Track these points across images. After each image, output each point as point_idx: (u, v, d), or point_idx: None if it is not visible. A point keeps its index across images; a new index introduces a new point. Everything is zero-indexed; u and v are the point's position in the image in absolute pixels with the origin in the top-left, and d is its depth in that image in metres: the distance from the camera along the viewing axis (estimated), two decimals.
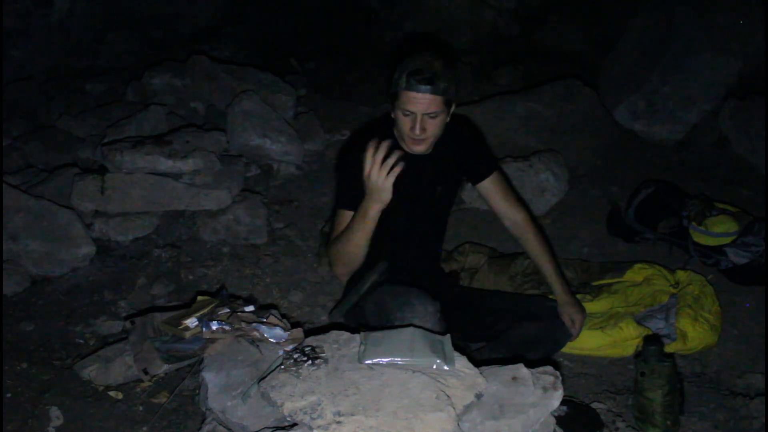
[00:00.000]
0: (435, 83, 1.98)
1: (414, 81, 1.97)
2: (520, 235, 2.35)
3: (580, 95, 4.11)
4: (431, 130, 2.06)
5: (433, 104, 2.01)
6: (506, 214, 2.34)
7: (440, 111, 2.03)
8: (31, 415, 2.20)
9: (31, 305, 2.80)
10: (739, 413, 2.28)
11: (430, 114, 2.02)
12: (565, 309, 2.27)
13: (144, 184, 3.17)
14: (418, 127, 2.03)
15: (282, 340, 1.91)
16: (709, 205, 3.11)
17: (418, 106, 2.00)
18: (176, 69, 4.16)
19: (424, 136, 2.06)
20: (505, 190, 2.35)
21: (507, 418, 1.59)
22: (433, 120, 2.04)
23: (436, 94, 1.99)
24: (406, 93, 2.00)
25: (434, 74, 1.98)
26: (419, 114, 2.02)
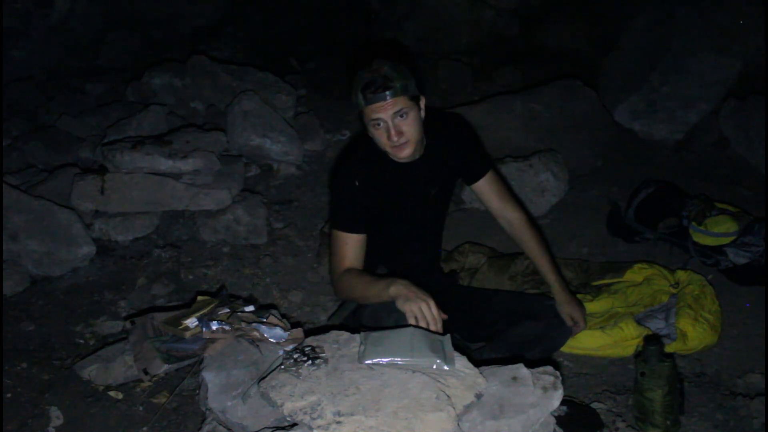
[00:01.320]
0: (389, 87, 1.94)
1: (369, 94, 1.95)
2: (516, 235, 2.34)
3: (580, 95, 4.11)
4: (408, 131, 2.01)
5: (397, 105, 1.96)
6: (502, 214, 2.33)
7: (408, 108, 1.99)
8: (31, 415, 2.20)
9: (31, 305, 2.80)
10: (739, 413, 2.28)
11: (399, 114, 1.98)
12: (563, 308, 2.27)
13: (144, 184, 3.17)
14: (393, 132, 1.99)
15: (282, 340, 1.91)
16: (709, 205, 3.11)
17: (383, 113, 1.97)
18: (176, 69, 4.16)
19: (403, 140, 2.01)
20: (501, 189, 2.33)
21: (507, 418, 1.59)
22: (404, 120, 1.99)
23: (396, 96, 1.95)
24: (368, 107, 1.97)
25: (385, 78, 1.94)
26: (389, 120, 1.98)
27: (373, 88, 1.95)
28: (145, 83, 4.11)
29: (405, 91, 1.97)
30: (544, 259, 2.31)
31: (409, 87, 1.99)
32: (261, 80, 4.05)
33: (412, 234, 2.29)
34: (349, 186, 2.12)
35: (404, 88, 1.97)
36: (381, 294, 1.97)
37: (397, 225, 2.24)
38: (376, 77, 1.95)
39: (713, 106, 4.24)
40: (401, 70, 1.99)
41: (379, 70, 1.96)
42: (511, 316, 2.26)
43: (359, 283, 2.05)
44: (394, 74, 1.96)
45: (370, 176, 2.12)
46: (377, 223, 2.16)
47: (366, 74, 1.98)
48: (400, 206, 2.21)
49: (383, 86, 1.94)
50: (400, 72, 1.98)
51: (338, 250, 2.12)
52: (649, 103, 4.30)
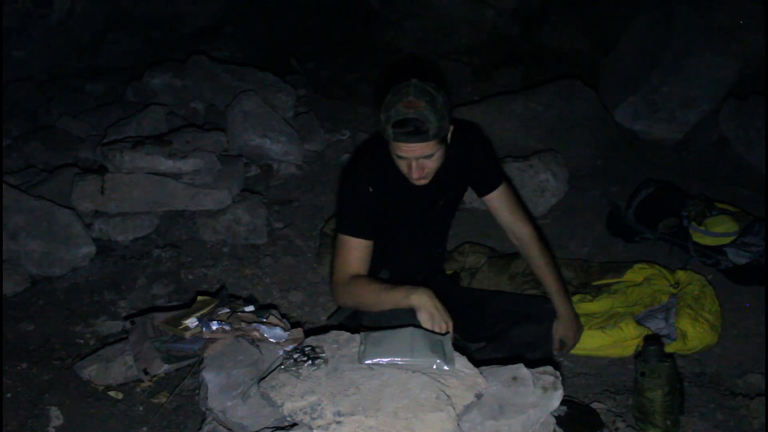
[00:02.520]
0: (423, 132, 1.85)
1: (401, 132, 1.86)
2: (524, 251, 2.31)
3: (580, 95, 4.11)
4: (429, 169, 1.98)
5: (427, 149, 1.90)
6: (511, 229, 2.30)
7: (435, 150, 1.92)
8: (31, 415, 2.20)
9: (31, 305, 2.80)
10: (739, 413, 2.28)
11: (426, 156, 1.93)
12: (557, 330, 2.26)
13: (144, 184, 3.17)
14: (415, 170, 1.95)
15: (282, 340, 1.91)
16: (709, 205, 3.11)
17: (412, 154, 1.92)
18: (176, 69, 4.16)
19: (423, 175, 1.98)
20: (512, 203, 2.28)
21: (507, 418, 1.59)
22: (429, 160, 1.94)
23: (427, 141, 1.87)
24: (395, 143, 1.90)
25: (420, 122, 1.84)
26: (413, 160, 1.93)
27: (405, 130, 1.85)
28: (145, 83, 4.11)
29: (437, 136, 1.88)
30: (551, 276, 2.27)
31: (441, 130, 1.89)
32: (261, 80, 4.05)
33: (416, 239, 2.28)
34: (362, 191, 2.06)
35: (438, 132, 1.88)
36: (400, 302, 1.90)
37: (401, 231, 2.23)
38: (411, 115, 1.83)
39: (713, 106, 4.23)
40: (439, 106, 1.87)
41: (416, 107, 1.84)
42: (512, 318, 2.25)
43: (372, 289, 1.98)
44: (431, 116, 1.84)
45: (383, 184, 2.06)
46: (383, 228, 2.14)
47: (401, 107, 1.85)
48: (407, 214, 2.19)
49: (417, 130, 1.84)
50: (438, 111, 1.86)
51: (344, 255, 2.04)
52: (649, 103, 4.30)
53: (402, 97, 1.87)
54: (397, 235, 2.22)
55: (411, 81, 1.91)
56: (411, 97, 1.86)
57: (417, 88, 1.88)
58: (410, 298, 1.89)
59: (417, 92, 1.87)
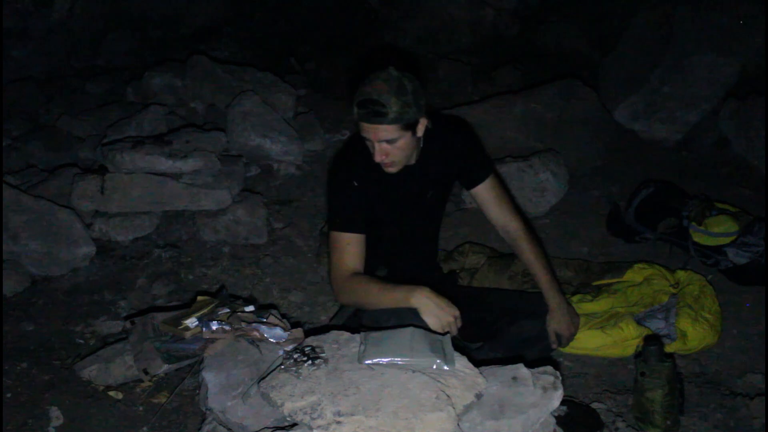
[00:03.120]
0: (383, 114, 1.88)
1: (362, 112, 1.91)
2: (513, 244, 2.30)
3: (580, 95, 4.11)
4: (394, 155, 1.99)
5: (387, 133, 1.93)
6: (499, 222, 2.29)
7: (398, 136, 1.94)
8: (31, 415, 2.20)
9: (31, 305, 2.80)
10: (739, 413, 2.28)
11: (386, 140, 1.95)
12: (551, 324, 2.23)
13: (144, 184, 3.17)
14: (377, 154, 1.98)
15: (282, 340, 1.91)
16: (709, 205, 3.11)
17: (373, 136, 1.95)
18: (176, 69, 4.16)
19: (387, 161, 2.00)
20: (499, 196, 2.28)
21: (507, 418, 1.59)
22: (392, 145, 1.97)
23: (387, 124, 1.91)
24: (359, 122, 1.94)
25: (382, 105, 1.88)
26: (377, 144, 1.96)
27: (366, 110, 1.90)
28: (145, 83, 4.11)
29: (398, 121, 1.91)
30: (541, 270, 2.25)
31: (405, 116, 1.92)
32: (261, 80, 4.05)
33: (408, 235, 2.29)
34: (347, 186, 2.09)
35: (397, 118, 1.91)
36: (400, 303, 1.93)
37: (393, 226, 2.23)
38: (375, 97, 1.88)
39: (713, 106, 4.23)
40: (404, 94, 1.90)
41: (381, 90, 1.89)
42: (510, 315, 2.25)
43: (371, 288, 2.00)
44: (393, 100, 1.88)
45: (367, 176, 2.09)
46: (374, 224, 2.15)
47: (367, 88, 1.91)
48: (396, 208, 2.20)
49: (376, 111, 1.89)
50: (401, 97, 1.90)
51: (340, 253, 2.06)
52: (649, 103, 4.30)
53: (372, 80, 1.92)
54: (388, 229, 2.22)
55: (387, 69, 1.95)
56: (379, 81, 1.91)
57: (388, 75, 1.92)
58: (410, 300, 1.91)
59: (386, 78, 1.92)
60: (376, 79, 1.92)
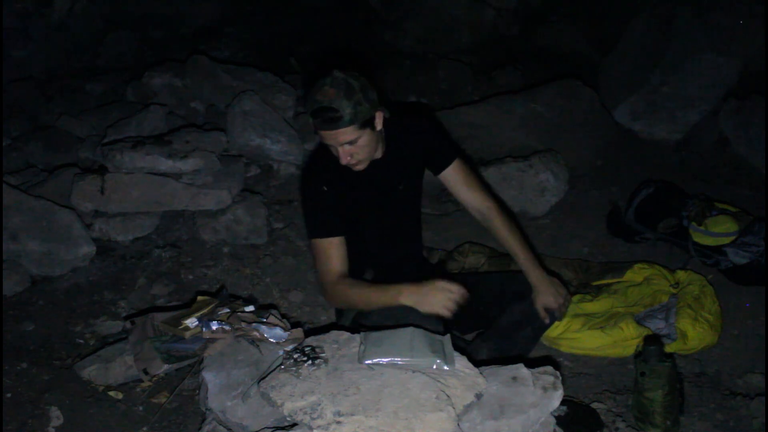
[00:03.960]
0: (338, 119, 1.92)
1: (317, 119, 1.94)
2: (486, 223, 2.28)
3: (580, 95, 4.11)
4: (358, 154, 2.03)
5: (346, 135, 1.96)
6: (470, 203, 2.29)
7: (357, 136, 1.98)
8: (31, 415, 2.20)
9: (31, 305, 2.80)
10: (739, 413, 2.28)
11: (349, 142, 1.98)
12: (538, 299, 2.20)
13: (144, 184, 3.17)
14: (342, 157, 2.01)
15: (282, 340, 1.91)
16: (709, 205, 3.11)
17: (333, 141, 1.98)
18: (176, 69, 4.15)
19: (353, 161, 2.04)
20: (468, 178, 2.28)
21: (507, 418, 1.59)
22: (354, 145, 2.00)
23: (344, 127, 1.94)
24: (318, 130, 1.98)
25: (333, 110, 1.91)
26: (339, 147, 1.99)
27: (320, 119, 1.93)
28: (145, 83, 4.11)
29: (354, 122, 1.94)
30: (516, 245, 2.23)
31: (359, 115, 1.94)
32: (261, 80, 4.05)
33: (388, 231, 2.29)
34: (318, 192, 2.13)
35: (353, 119, 1.93)
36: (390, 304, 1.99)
37: (371, 224, 2.25)
38: (325, 103, 1.91)
39: (713, 106, 4.23)
40: (353, 93, 1.93)
41: (329, 94, 1.91)
42: (500, 302, 2.25)
43: (361, 292, 2.06)
44: (344, 102, 1.91)
45: (335, 179, 2.12)
46: (352, 225, 2.17)
47: (317, 96, 1.94)
48: (371, 205, 2.22)
49: (330, 118, 1.92)
50: (351, 98, 1.92)
51: (323, 258, 2.10)
52: (649, 103, 4.30)
53: (318, 88, 1.95)
54: (367, 228, 2.24)
55: (331, 72, 1.98)
56: (327, 87, 1.94)
57: (333, 79, 1.95)
58: (400, 299, 1.97)
59: (332, 82, 1.94)
60: (323, 86, 1.95)
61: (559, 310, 2.24)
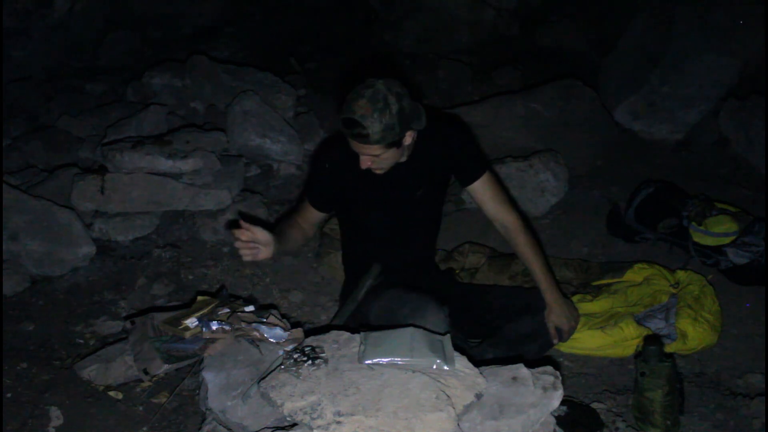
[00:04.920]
0: (365, 136, 1.92)
1: (347, 130, 1.95)
2: (510, 239, 2.30)
3: (580, 95, 4.11)
4: (379, 164, 2.05)
5: (369, 150, 1.98)
6: (496, 218, 2.30)
7: (380, 153, 1.99)
8: (31, 415, 2.20)
9: (31, 305, 2.80)
10: (739, 413, 2.28)
11: (373, 155, 2.00)
12: (550, 317, 2.25)
13: (144, 184, 3.17)
14: (363, 162, 2.03)
15: (282, 340, 1.91)
16: (709, 205, 3.11)
17: (356, 150, 2.01)
18: (176, 69, 4.15)
19: (373, 167, 2.06)
20: (496, 192, 2.28)
21: (507, 418, 1.59)
22: (378, 158, 2.02)
23: (369, 144, 1.95)
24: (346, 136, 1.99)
25: (362, 127, 1.90)
26: (361, 155, 2.02)
27: (350, 131, 1.94)
28: (145, 83, 4.11)
29: (380, 142, 1.95)
30: (537, 264, 2.26)
31: (387, 138, 1.94)
32: (261, 80, 4.05)
33: (399, 232, 2.29)
34: (320, 167, 2.25)
35: (379, 140, 1.94)
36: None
37: (380, 224, 2.26)
38: (358, 118, 1.90)
39: (713, 106, 4.23)
40: (388, 114, 1.90)
41: (365, 111, 1.90)
42: (508, 312, 2.26)
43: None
44: (375, 124, 1.90)
45: (343, 165, 2.15)
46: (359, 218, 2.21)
47: (352, 105, 1.92)
48: (383, 204, 2.22)
49: (359, 134, 1.92)
50: (384, 119, 1.90)
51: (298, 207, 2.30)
52: (649, 103, 4.30)
53: (358, 97, 1.93)
54: (380, 228, 2.26)
55: (376, 83, 1.94)
56: (364, 100, 1.91)
57: (375, 93, 1.92)
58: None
59: (372, 97, 1.91)
60: (361, 97, 1.92)
61: (567, 332, 2.28)
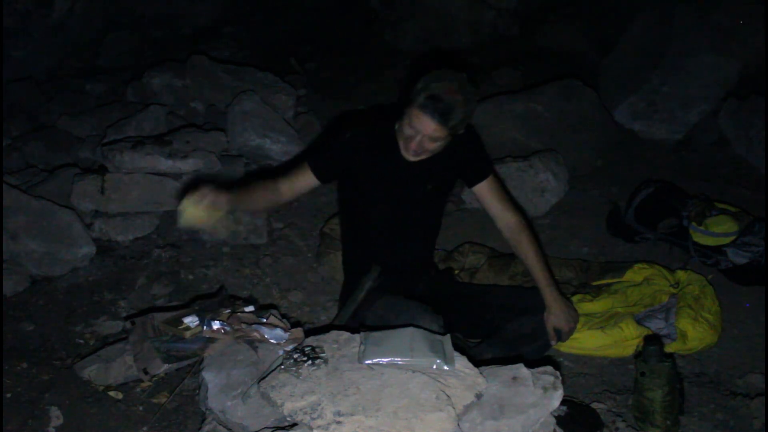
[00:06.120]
0: (448, 116, 1.97)
1: (430, 105, 1.96)
2: (513, 239, 2.32)
3: (580, 95, 4.11)
4: (429, 150, 2.07)
5: (439, 132, 2.01)
6: (500, 217, 2.32)
7: (443, 138, 2.04)
8: (31, 415, 2.20)
9: (31, 305, 2.80)
10: (739, 413, 2.28)
11: (433, 138, 2.02)
12: (549, 319, 2.25)
13: (144, 184, 3.17)
14: (416, 145, 2.05)
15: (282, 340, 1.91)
16: (709, 205, 3.11)
17: (424, 128, 2.01)
18: (176, 69, 4.16)
19: (420, 151, 2.07)
20: (501, 193, 2.33)
21: (507, 418, 1.59)
22: (433, 143, 2.05)
23: (445, 126, 1.99)
24: (418, 111, 1.99)
25: (451, 108, 1.96)
26: (422, 135, 2.02)
27: (435, 105, 1.95)
28: (145, 83, 4.11)
29: (453, 128, 2.00)
30: (538, 265, 2.28)
31: (458, 126, 2.02)
32: (261, 80, 4.05)
33: (403, 229, 2.30)
34: (341, 137, 2.17)
35: (455, 126, 2.00)
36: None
37: (386, 217, 2.26)
38: (446, 98, 1.95)
39: (713, 106, 4.23)
40: (470, 104, 2.00)
41: (454, 94, 1.96)
42: (508, 312, 2.26)
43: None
44: (460, 108, 1.97)
45: (365, 145, 2.15)
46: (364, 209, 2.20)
47: (443, 86, 1.96)
48: (390, 197, 2.22)
49: (443, 111, 1.96)
50: (467, 107, 1.99)
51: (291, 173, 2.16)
52: (649, 103, 4.30)
53: (449, 80, 1.98)
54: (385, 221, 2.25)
55: (461, 74, 2.02)
56: (454, 85, 1.98)
57: (463, 82, 2.00)
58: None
59: (459, 84, 1.99)
60: (450, 81, 1.98)
61: (566, 333, 2.28)
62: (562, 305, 2.26)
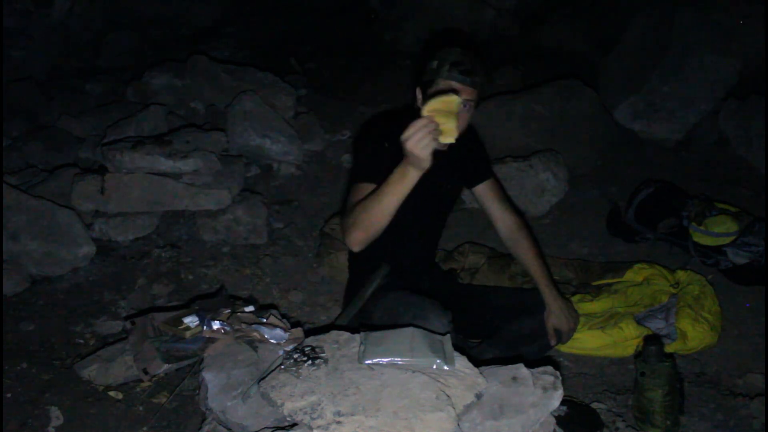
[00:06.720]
0: (474, 76, 2.02)
1: (456, 71, 2.02)
2: (512, 240, 2.33)
3: (580, 95, 4.11)
4: (462, 123, 2.02)
5: (472, 95, 2.04)
6: (500, 218, 2.34)
7: (474, 102, 2.07)
8: (31, 415, 2.20)
9: (31, 305, 2.80)
10: (739, 413, 2.28)
11: (467, 102, 2.03)
12: (549, 319, 2.25)
13: (144, 184, 3.17)
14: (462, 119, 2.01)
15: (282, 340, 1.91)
16: (709, 205, 3.11)
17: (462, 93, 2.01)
18: (176, 69, 4.16)
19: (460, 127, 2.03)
20: (500, 195, 2.36)
21: (507, 418, 1.59)
22: (466, 111, 2.04)
23: (474, 87, 2.03)
24: (446, 82, 2.02)
25: (473, 68, 2.03)
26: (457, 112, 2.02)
27: (461, 68, 2.01)
28: (145, 83, 4.11)
29: (481, 87, 2.07)
30: (537, 266, 2.29)
31: (484, 87, 2.09)
32: (261, 80, 4.05)
33: (416, 226, 2.29)
34: (379, 145, 2.11)
35: (482, 85, 2.07)
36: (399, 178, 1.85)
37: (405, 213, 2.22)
38: (466, 60, 2.03)
39: (713, 106, 4.24)
40: (485, 68, 2.09)
41: (471, 57, 2.05)
42: (509, 313, 2.27)
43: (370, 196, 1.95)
44: (481, 68, 2.06)
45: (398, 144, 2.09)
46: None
47: (458, 53, 2.04)
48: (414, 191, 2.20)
49: (469, 71, 2.02)
50: (482, 69, 2.08)
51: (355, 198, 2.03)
52: (649, 103, 4.30)
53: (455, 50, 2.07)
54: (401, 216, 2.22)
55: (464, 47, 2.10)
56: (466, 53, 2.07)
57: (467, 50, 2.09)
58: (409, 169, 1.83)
59: (470, 52, 2.09)
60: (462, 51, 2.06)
61: (567, 334, 2.28)
62: (562, 305, 2.27)
